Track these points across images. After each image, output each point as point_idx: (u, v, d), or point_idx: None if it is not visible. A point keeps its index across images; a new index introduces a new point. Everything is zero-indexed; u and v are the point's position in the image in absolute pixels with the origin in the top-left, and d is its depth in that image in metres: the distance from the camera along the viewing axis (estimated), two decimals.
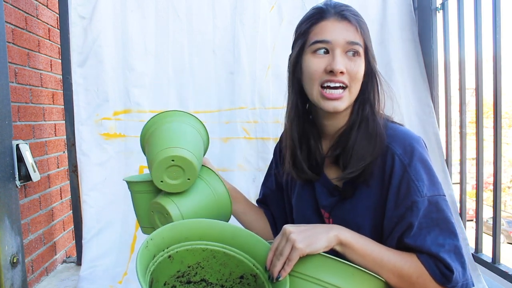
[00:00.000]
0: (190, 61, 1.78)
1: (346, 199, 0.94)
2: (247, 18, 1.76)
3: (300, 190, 1.05)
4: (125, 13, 1.73)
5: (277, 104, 1.78)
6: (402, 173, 0.85)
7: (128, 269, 1.71)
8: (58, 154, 1.95)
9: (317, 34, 0.90)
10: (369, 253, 0.82)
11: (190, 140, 0.99)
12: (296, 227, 0.81)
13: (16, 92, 1.57)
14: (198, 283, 0.88)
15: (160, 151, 0.93)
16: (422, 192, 0.83)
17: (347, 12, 0.89)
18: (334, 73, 0.86)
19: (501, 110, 1.37)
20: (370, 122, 0.90)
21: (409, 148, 0.86)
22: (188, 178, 0.95)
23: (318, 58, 0.89)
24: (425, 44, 1.78)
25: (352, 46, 0.87)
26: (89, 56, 1.71)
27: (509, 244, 12.48)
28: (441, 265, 0.81)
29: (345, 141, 0.92)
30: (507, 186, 16.03)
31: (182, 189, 0.97)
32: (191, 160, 0.93)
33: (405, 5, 1.77)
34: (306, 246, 0.77)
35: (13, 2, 1.57)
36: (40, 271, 1.73)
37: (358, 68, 0.88)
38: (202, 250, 0.84)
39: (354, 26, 0.88)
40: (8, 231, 1.26)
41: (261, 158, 1.80)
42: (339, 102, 0.88)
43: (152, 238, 0.76)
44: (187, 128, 1.02)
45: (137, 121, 1.77)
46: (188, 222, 0.85)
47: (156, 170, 0.92)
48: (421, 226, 0.83)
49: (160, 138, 0.98)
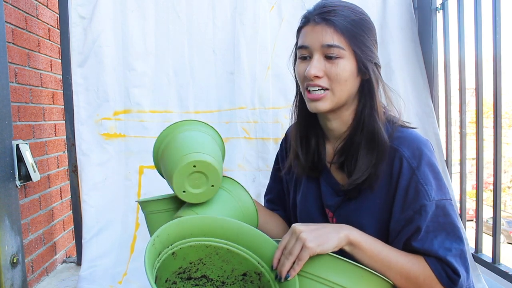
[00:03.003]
0: (190, 61, 1.78)
1: (351, 200, 0.93)
2: (247, 18, 1.76)
3: (305, 188, 1.05)
4: (125, 13, 1.73)
5: (277, 104, 1.78)
6: (410, 176, 0.85)
7: (128, 269, 1.71)
8: (58, 154, 1.95)
9: (300, 40, 0.93)
10: (378, 254, 0.82)
11: (208, 146, 0.94)
12: (306, 226, 0.80)
13: (16, 92, 1.57)
14: (198, 279, 0.87)
15: (179, 158, 0.88)
16: (430, 196, 0.83)
17: (326, 15, 0.88)
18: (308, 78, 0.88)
19: (501, 110, 1.37)
20: (371, 126, 0.89)
21: (417, 152, 0.86)
22: (212, 184, 0.89)
23: (302, 63, 0.92)
24: (425, 44, 1.78)
25: (329, 49, 0.87)
26: (89, 56, 1.71)
27: (509, 244, 12.48)
28: (448, 269, 0.82)
29: (349, 146, 0.92)
30: (507, 186, 16.02)
31: (206, 198, 0.91)
32: (214, 165, 0.88)
33: (405, 5, 1.77)
34: (317, 245, 0.77)
35: (13, 2, 1.57)
36: (40, 271, 1.73)
37: (339, 70, 0.87)
38: (205, 247, 0.83)
39: (332, 28, 0.86)
40: (8, 231, 1.26)
41: (261, 158, 1.80)
42: (320, 103, 0.89)
43: (159, 235, 0.75)
44: (203, 135, 0.98)
45: (137, 121, 1.77)
46: (194, 218, 0.83)
47: (177, 179, 0.87)
48: (428, 229, 0.83)
49: (177, 147, 0.93)
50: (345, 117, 0.94)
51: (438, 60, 1.78)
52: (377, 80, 0.91)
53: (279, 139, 1.77)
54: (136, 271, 1.70)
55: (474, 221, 1.56)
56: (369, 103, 0.91)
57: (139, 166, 1.77)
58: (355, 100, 0.94)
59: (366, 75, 0.90)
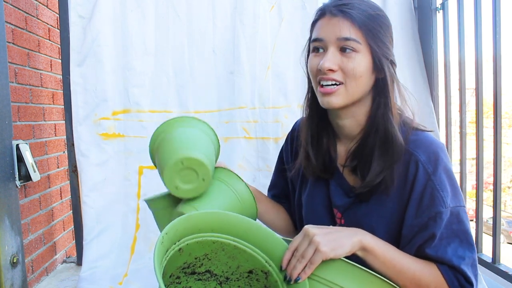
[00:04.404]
0: (190, 61, 1.78)
1: (361, 202, 0.91)
2: (247, 18, 1.76)
3: (312, 187, 1.02)
4: (124, 13, 1.73)
5: (277, 103, 1.78)
6: (426, 181, 0.83)
7: (129, 270, 1.71)
8: (58, 154, 1.95)
9: (314, 32, 0.90)
10: (390, 260, 0.81)
11: (197, 142, 0.96)
12: (319, 229, 0.78)
13: (16, 92, 1.57)
14: (202, 274, 0.86)
15: (168, 156, 0.90)
16: (446, 203, 0.82)
17: (344, 7, 0.85)
18: (322, 71, 0.85)
19: (501, 110, 1.37)
20: (386, 127, 0.87)
21: (433, 156, 0.84)
22: (202, 178, 0.90)
23: (316, 56, 0.89)
24: (425, 44, 1.78)
25: (345, 42, 0.84)
26: (88, 56, 1.71)
27: (509, 244, 12.48)
28: (461, 277, 0.81)
29: (362, 149, 0.90)
30: (507, 186, 16.03)
31: (199, 192, 0.92)
32: (201, 159, 0.89)
33: (405, 5, 1.77)
34: (331, 250, 0.75)
35: (13, 2, 1.57)
36: (40, 271, 1.73)
37: (355, 64, 0.84)
38: (212, 242, 0.82)
39: (349, 21, 0.84)
40: (8, 231, 1.26)
41: (261, 158, 1.80)
42: (333, 97, 0.86)
43: (167, 233, 0.73)
44: (193, 131, 0.99)
45: (136, 121, 1.76)
46: (202, 213, 0.82)
47: (168, 177, 0.89)
48: (442, 236, 0.82)
49: (167, 146, 0.94)
50: (357, 116, 0.91)
51: (438, 60, 1.78)
52: (392, 79, 0.88)
53: (279, 139, 1.77)
54: (136, 272, 1.69)
55: (474, 221, 1.56)
56: (384, 103, 0.88)
57: (139, 166, 1.77)
58: (368, 99, 0.91)
59: (381, 73, 0.87)
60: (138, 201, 1.77)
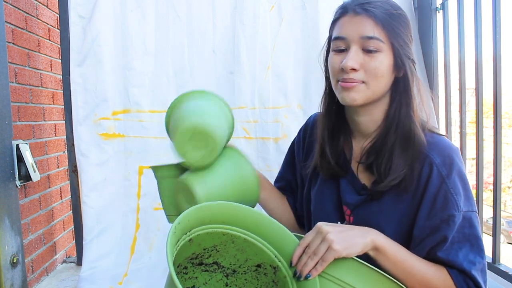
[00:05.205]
0: (190, 61, 1.78)
1: (372, 201, 0.91)
2: (247, 18, 1.76)
3: (323, 182, 1.01)
4: (124, 13, 1.73)
5: (277, 103, 1.78)
6: (440, 184, 0.83)
7: (128, 270, 1.71)
8: (58, 154, 1.95)
9: (336, 31, 0.89)
10: (401, 261, 0.81)
11: (212, 114, 0.95)
12: (332, 227, 0.78)
13: (16, 92, 1.57)
14: (209, 265, 0.86)
15: (181, 123, 0.90)
16: (459, 207, 0.82)
17: (367, 5, 0.84)
18: (344, 70, 0.84)
19: (501, 110, 1.37)
20: (407, 125, 0.86)
21: (448, 160, 0.83)
22: (211, 149, 0.90)
23: (337, 55, 0.88)
24: (425, 44, 1.78)
25: (368, 41, 0.83)
26: (88, 56, 1.71)
27: (509, 244, 12.48)
28: (470, 283, 0.81)
29: (380, 146, 0.89)
30: (507, 186, 16.02)
31: (205, 162, 0.92)
32: (212, 129, 0.88)
33: (405, 5, 1.77)
34: (344, 248, 0.75)
35: (13, 2, 1.57)
36: (40, 271, 1.73)
37: (377, 63, 0.83)
38: (222, 234, 0.81)
39: (372, 20, 0.83)
40: (8, 231, 1.26)
41: (261, 158, 1.80)
42: (353, 93, 0.85)
43: (180, 222, 0.73)
44: (210, 104, 0.99)
45: (136, 121, 1.76)
46: (215, 204, 0.81)
47: (178, 142, 0.88)
48: (453, 240, 0.82)
49: (181, 113, 0.94)
50: (375, 114, 0.91)
51: (438, 60, 1.77)
52: (413, 78, 0.88)
53: (279, 139, 1.77)
54: (136, 272, 1.70)
55: None
56: (405, 101, 0.87)
57: (139, 166, 1.77)
58: (386, 97, 0.90)
59: (401, 72, 0.87)
60: (138, 201, 1.78)
